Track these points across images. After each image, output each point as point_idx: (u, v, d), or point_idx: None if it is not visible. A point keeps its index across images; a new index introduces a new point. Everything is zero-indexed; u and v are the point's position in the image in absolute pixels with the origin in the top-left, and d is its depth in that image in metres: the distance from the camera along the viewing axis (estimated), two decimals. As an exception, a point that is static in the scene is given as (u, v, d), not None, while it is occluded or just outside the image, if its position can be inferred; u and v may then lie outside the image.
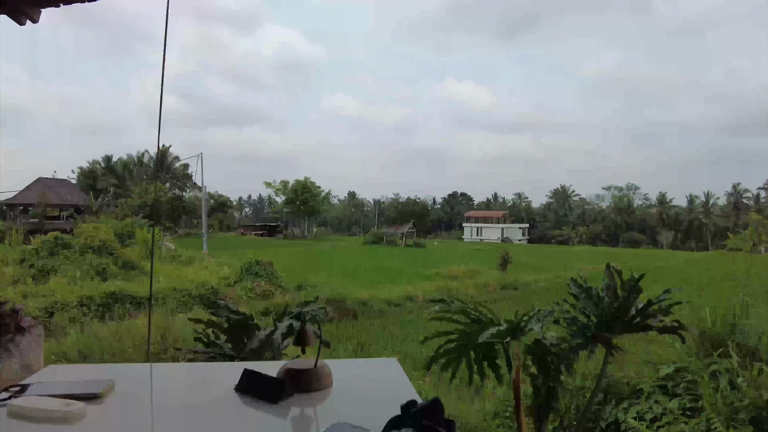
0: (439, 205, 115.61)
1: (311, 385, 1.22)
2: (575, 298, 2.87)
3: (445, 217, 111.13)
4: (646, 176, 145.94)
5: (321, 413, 1.14)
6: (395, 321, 15.90)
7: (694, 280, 16.66)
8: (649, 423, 3.83)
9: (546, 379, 2.49)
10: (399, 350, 12.12)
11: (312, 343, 1.38)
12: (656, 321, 2.80)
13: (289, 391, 1.18)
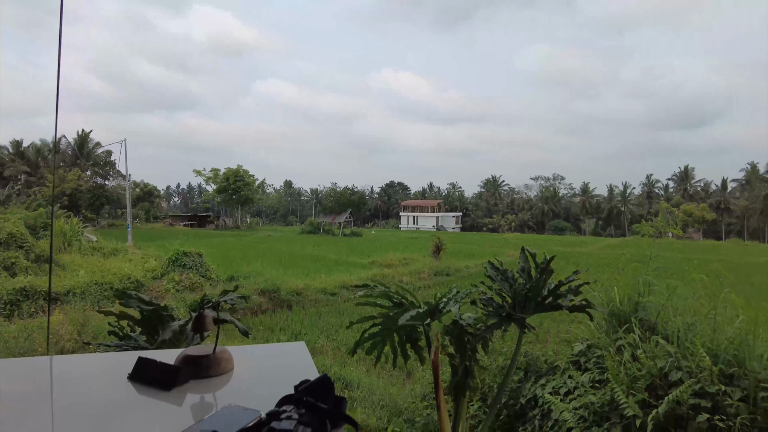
0: (377, 194, 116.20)
1: (210, 371, 1.18)
2: (492, 281, 2.99)
3: (382, 206, 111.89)
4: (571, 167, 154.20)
5: (217, 398, 1.11)
6: (331, 310, 15.88)
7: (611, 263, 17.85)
8: (563, 396, 4.08)
9: (462, 358, 2.58)
10: (334, 338, 12.11)
11: (210, 329, 1.33)
12: (567, 301, 2.97)
13: (185, 378, 1.14)
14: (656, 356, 3.50)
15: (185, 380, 1.14)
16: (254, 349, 1.47)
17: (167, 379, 1.11)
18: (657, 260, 5.22)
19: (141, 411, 1.05)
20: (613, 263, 21.39)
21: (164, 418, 1.02)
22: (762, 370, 3.11)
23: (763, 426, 2.87)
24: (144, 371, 1.15)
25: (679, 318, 4.01)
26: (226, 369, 1.21)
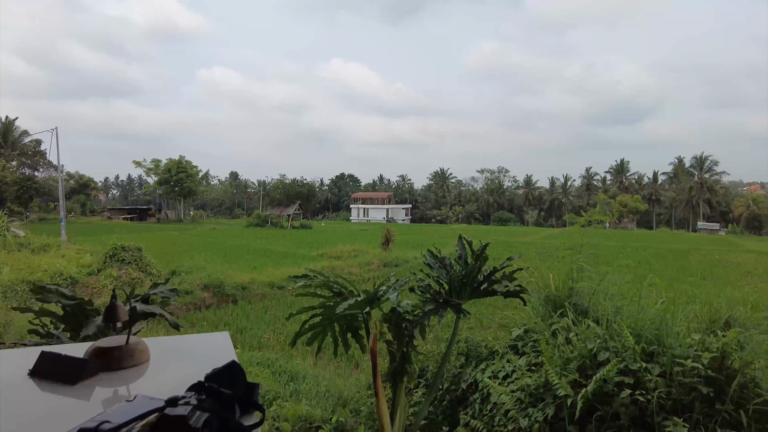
0: (327, 186, 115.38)
1: (122, 363, 1.13)
2: (430, 268, 3.03)
3: (332, 199, 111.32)
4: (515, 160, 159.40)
5: (130, 390, 1.06)
6: (278, 303, 15.65)
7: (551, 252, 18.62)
8: (502, 380, 4.22)
9: (400, 344, 2.61)
10: (281, 332, 11.96)
11: (123, 318, 1.27)
12: (502, 287, 3.05)
13: (93, 371, 1.08)
14: (587, 338, 3.68)
15: (93, 373, 1.08)
16: (175, 339, 1.41)
17: (72, 372, 1.05)
18: (595, 248, 5.46)
19: (40, 407, 0.98)
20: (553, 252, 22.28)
21: (66, 413, 0.96)
22: (678, 346, 3.34)
23: (677, 398, 3.08)
24: (47, 366, 1.08)
25: (609, 302, 4.24)
26: (140, 360, 1.16)
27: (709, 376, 3.12)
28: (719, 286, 8.43)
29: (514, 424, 3.59)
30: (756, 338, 3.63)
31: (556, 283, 4.79)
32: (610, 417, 3.21)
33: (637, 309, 3.95)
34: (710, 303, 5.79)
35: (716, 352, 3.18)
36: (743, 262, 19.90)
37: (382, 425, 2.49)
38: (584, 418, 3.30)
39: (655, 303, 4.07)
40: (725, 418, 3.01)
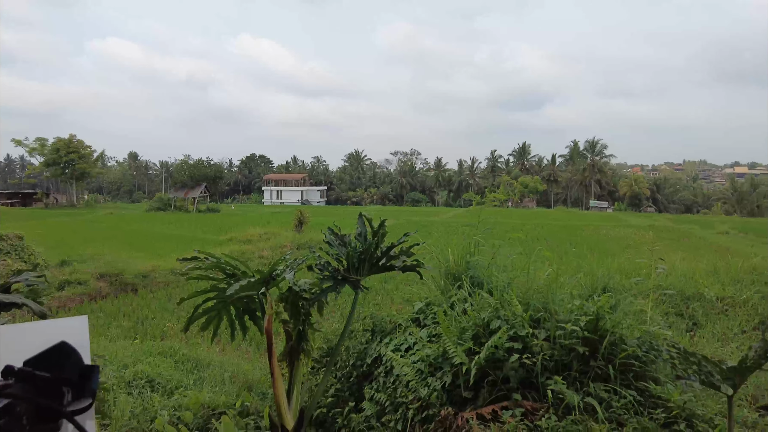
0: (237, 167, 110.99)
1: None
2: (330, 246, 3.01)
3: (243, 180, 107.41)
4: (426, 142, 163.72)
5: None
6: (183, 291, 14.89)
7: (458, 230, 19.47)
8: (404, 352, 4.34)
9: (296, 323, 2.58)
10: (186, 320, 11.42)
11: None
12: (400, 261, 3.12)
13: None
14: (481, 308, 3.88)
15: None
16: (23, 327, 1.27)
17: None
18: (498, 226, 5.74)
19: None
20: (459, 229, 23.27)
21: None
22: (561, 312, 3.63)
23: (558, 358, 3.36)
24: None
25: (502, 273, 4.50)
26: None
27: (586, 337, 3.42)
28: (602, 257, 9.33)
29: (414, 394, 3.72)
30: (625, 301, 4.05)
31: (455, 258, 4.99)
32: (501, 380, 3.43)
33: (527, 280, 4.23)
34: (593, 272, 6.37)
35: (592, 315, 3.50)
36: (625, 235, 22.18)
37: (279, 405, 2.46)
38: (478, 384, 3.50)
39: (543, 274, 4.38)
40: (597, 373, 3.34)
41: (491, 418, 3.22)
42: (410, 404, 3.72)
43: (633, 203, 76.90)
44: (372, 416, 4.12)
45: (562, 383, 3.10)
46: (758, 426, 3.45)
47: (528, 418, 3.11)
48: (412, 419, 3.66)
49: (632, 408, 3.13)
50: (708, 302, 6.14)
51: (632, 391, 3.28)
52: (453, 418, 3.37)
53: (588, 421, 2.87)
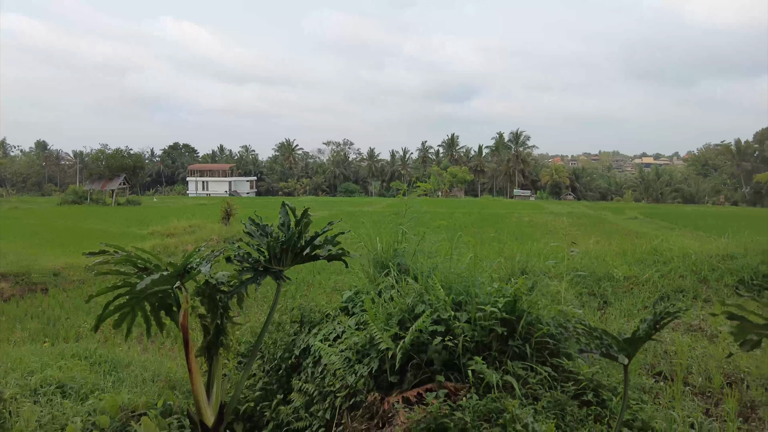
0: (159, 157, 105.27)
1: None
2: (251, 236, 2.93)
3: (166, 171, 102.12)
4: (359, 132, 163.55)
5: None
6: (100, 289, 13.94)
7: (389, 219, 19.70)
8: (333, 342, 4.34)
9: (214, 317, 2.49)
10: (104, 319, 10.71)
11: None
12: (325, 251, 3.09)
13: None
14: (406, 294, 3.95)
15: None
16: None
17: None
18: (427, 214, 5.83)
19: None
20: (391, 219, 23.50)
21: None
22: (481, 294, 3.77)
23: (479, 339, 3.50)
24: None
25: (427, 260, 4.60)
26: None
27: (504, 318, 3.59)
28: (524, 243, 9.83)
29: (342, 382, 3.73)
30: (541, 282, 4.30)
31: (384, 246, 5.04)
32: (426, 363, 3.52)
33: (450, 265, 4.35)
34: (513, 257, 6.69)
35: (510, 297, 3.67)
36: (545, 222, 23.48)
37: (197, 401, 2.38)
38: (404, 368, 3.57)
39: (466, 259, 4.53)
40: (515, 352, 3.51)
41: (416, 400, 3.30)
42: (338, 392, 3.73)
43: (554, 191, 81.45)
44: (300, 407, 4.10)
45: (482, 363, 3.23)
46: (653, 390, 3.80)
47: (451, 398, 3.22)
48: (340, 407, 3.67)
49: (547, 383, 3.33)
50: (616, 282, 6.65)
51: (547, 367, 3.49)
52: (379, 403, 3.42)
53: (506, 398, 3.02)
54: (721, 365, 4.35)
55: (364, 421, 3.46)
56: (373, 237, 5.31)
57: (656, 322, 1.99)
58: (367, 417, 3.46)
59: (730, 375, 4.26)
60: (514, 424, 2.41)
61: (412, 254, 4.66)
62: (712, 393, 3.94)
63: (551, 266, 5.77)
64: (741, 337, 2.07)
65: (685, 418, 3.38)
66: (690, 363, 4.42)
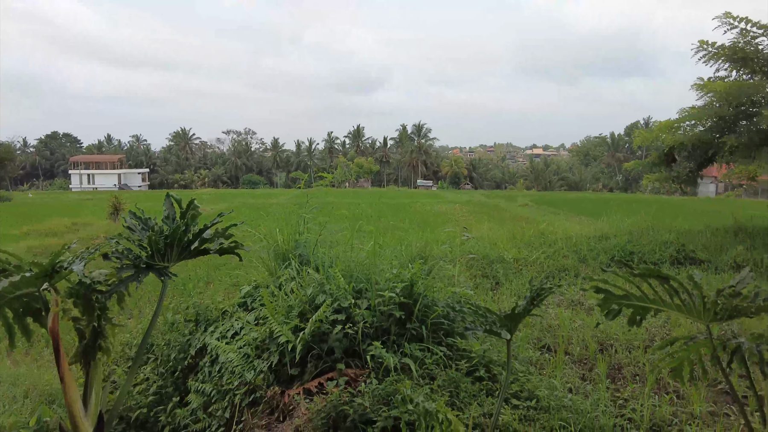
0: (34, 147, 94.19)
1: None
2: (131, 231, 2.72)
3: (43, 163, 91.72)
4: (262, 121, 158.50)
5: None
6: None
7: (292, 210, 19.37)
8: (231, 339, 4.19)
9: (90, 319, 2.28)
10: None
11: None
12: (216, 244, 2.95)
13: None
14: (307, 285, 3.91)
15: None
16: None
17: None
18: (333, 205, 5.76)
19: None
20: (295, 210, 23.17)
21: None
22: (381, 281, 3.85)
23: (378, 325, 3.57)
24: None
25: (329, 250, 4.59)
26: None
27: (402, 302, 3.69)
28: (426, 230, 10.19)
29: (241, 379, 3.62)
30: (437, 266, 4.48)
31: (285, 237, 4.95)
32: (327, 353, 3.52)
33: (352, 254, 4.39)
34: (414, 243, 6.90)
35: (407, 282, 3.78)
36: (446, 210, 24.55)
37: (71, 413, 2.17)
38: (305, 359, 3.55)
39: (367, 247, 4.58)
40: (413, 334, 3.63)
41: (317, 390, 3.29)
42: (237, 390, 3.62)
43: (453, 181, 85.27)
44: (198, 408, 3.92)
45: (381, 348, 3.30)
46: (539, 361, 4.14)
47: (352, 385, 3.25)
48: (239, 404, 3.57)
49: (442, 362, 3.48)
50: (507, 264, 7.13)
51: (443, 347, 3.65)
52: (280, 396, 3.37)
53: (403, 380, 3.11)
54: (595, 334, 4.84)
55: (265, 416, 3.39)
56: (273, 229, 5.19)
57: (533, 299, 2.15)
58: (267, 412, 3.40)
59: (603, 342, 4.76)
60: (405, 404, 2.49)
61: (314, 245, 4.62)
62: (587, 360, 4.37)
63: (447, 251, 6.04)
64: (606, 308, 2.31)
65: (564, 384, 3.71)
66: (570, 334, 4.85)
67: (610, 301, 2.27)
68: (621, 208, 16.26)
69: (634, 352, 4.49)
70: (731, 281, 2.22)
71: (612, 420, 3.17)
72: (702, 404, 3.49)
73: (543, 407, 3.24)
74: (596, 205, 21.48)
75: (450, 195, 48.57)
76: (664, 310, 2.25)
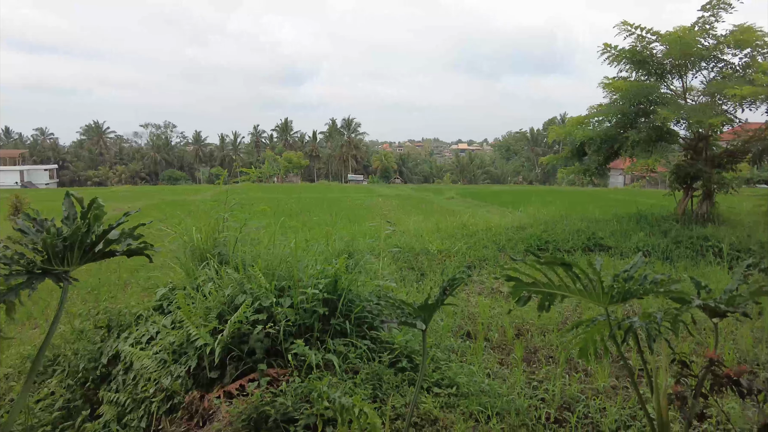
0: None
1: None
2: (24, 234, 2.50)
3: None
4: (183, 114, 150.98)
5: None
6: None
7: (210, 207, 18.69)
8: (146, 344, 3.98)
9: (-27, 332, 2.07)
10: None
11: None
12: (124, 245, 2.78)
13: None
14: (226, 285, 3.79)
15: None
16: None
17: None
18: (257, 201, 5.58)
19: None
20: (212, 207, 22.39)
21: None
22: (304, 278, 3.81)
23: (302, 323, 3.54)
24: None
25: (249, 247, 4.48)
26: None
27: (326, 298, 3.68)
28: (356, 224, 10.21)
29: (157, 386, 3.45)
30: (363, 260, 4.50)
31: (203, 236, 4.76)
32: (248, 354, 3.44)
33: (274, 251, 4.30)
34: (341, 238, 6.90)
35: (331, 277, 3.77)
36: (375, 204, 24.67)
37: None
38: (225, 362, 3.44)
39: (291, 244, 4.51)
40: (337, 330, 3.64)
41: (238, 393, 3.21)
42: (153, 397, 3.44)
43: (384, 176, 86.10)
44: (111, 420, 3.69)
45: (303, 346, 3.27)
46: (461, 349, 4.29)
47: (274, 385, 3.20)
48: (156, 412, 3.40)
49: (366, 356, 3.52)
50: (432, 255, 7.32)
51: (367, 340, 3.69)
52: (199, 401, 3.25)
53: (326, 376, 3.11)
54: (513, 320, 5.10)
55: (184, 422, 3.26)
56: (190, 228, 4.97)
57: (445, 289, 2.22)
58: (186, 418, 3.26)
59: (520, 327, 5.02)
60: (322, 402, 2.50)
61: (234, 243, 4.48)
62: (505, 345, 4.60)
63: (373, 245, 6.09)
64: (516, 295, 2.43)
65: (483, 369, 3.88)
66: (490, 321, 5.08)
67: (520, 288, 2.39)
68: (539, 200, 17.19)
69: (548, 335, 4.78)
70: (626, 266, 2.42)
71: (527, 401, 3.36)
72: (606, 380, 3.78)
73: (463, 393, 3.37)
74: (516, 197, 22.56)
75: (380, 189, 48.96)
76: (569, 295, 2.42)
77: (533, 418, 3.18)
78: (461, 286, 6.18)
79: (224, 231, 4.75)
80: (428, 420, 3.05)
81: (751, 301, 2.17)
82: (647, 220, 10.39)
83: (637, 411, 3.26)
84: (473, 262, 7.22)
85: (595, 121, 11.07)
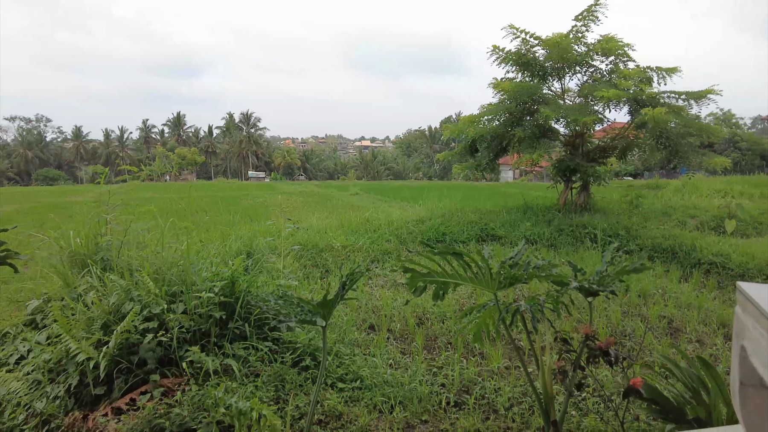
0: None
1: None
2: None
3: None
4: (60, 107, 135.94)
5: None
6: None
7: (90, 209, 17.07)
8: (14, 365, 3.55)
9: None
10: None
11: None
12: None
13: None
14: (110, 293, 3.50)
15: None
16: None
17: None
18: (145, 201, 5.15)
19: None
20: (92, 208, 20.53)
21: None
22: (198, 281, 3.63)
23: (196, 328, 3.37)
24: None
25: (136, 252, 4.16)
26: None
27: (223, 302, 3.54)
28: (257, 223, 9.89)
29: (29, 411, 3.10)
30: (263, 260, 4.39)
31: (83, 241, 4.35)
32: (138, 365, 3.20)
33: (164, 255, 4.04)
34: (240, 237, 6.66)
35: (227, 279, 3.63)
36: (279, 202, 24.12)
37: None
38: (112, 375, 3.18)
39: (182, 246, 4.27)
40: (236, 333, 3.52)
41: (129, 407, 2.98)
42: (25, 424, 3.08)
43: (287, 172, 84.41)
44: (-27, 457, 3.25)
45: (199, 352, 3.12)
46: (365, 342, 4.35)
47: (168, 395, 3.02)
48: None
49: (267, 358, 3.44)
50: (336, 251, 7.33)
51: (268, 342, 3.61)
52: (81, 422, 2.97)
53: (225, 381, 3.00)
54: (414, 310, 5.27)
55: (64, 447, 2.96)
56: (67, 232, 4.50)
57: (344, 284, 2.24)
58: (66, 442, 2.96)
59: (420, 316, 5.20)
60: (217, 408, 2.41)
61: (118, 248, 4.14)
62: (407, 334, 4.74)
63: (275, 244, 5.95)
64: (413, 285, 2.52)
65: (386, 360, 3.98)
66: (392, 313, 5.20)
67: (416, 279, 2.48)
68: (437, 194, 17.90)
69: (447, 322, 5.01)
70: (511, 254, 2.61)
71: (428, 388, 3.50)
72: (500, 361, 4.05)
73: (367, 386, 3.43)
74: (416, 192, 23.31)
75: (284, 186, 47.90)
76: (462, 282, 2.55)
77: (434, 404, 3.32)
78: (364, 280, 6.26)
79: (107, 235, 4.38)
80: (333, 416, 3.07)
81: (617, 280, 2.45)
82: (533, 210, 11.27)
83: (527, 388, 3.53)
84: (377, 256, 7.35)
85: (485, 119, 11.75)
